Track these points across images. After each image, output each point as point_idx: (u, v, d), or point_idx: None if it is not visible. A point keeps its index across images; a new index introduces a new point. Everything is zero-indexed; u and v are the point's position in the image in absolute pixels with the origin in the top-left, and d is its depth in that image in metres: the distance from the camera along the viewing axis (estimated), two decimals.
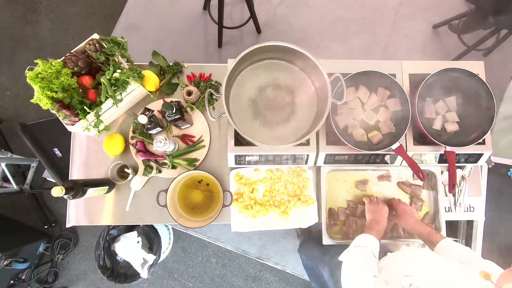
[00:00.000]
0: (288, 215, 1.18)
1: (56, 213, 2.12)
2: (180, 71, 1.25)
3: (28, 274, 1.91)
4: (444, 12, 2.19)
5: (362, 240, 0.94)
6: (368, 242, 0.92)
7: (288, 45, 0.91)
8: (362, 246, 0.91)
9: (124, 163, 1.16)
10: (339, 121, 1.09)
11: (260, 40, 2.17)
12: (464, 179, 1.21)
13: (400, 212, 1.06)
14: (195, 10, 2.21)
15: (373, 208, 1.06)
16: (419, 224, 1.00)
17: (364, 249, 0.89)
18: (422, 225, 0.99)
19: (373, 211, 1.06)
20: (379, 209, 1.05)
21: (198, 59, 2.15)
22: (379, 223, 1.00)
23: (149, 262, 1.63)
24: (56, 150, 1.59)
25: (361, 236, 0.96)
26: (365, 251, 0.88)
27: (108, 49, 1.05)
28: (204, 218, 1.16)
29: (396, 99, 1.10)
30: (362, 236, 0.96)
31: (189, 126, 1.20)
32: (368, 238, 0.94)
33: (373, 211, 1.05)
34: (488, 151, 1.11)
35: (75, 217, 1.20)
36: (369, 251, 0.88)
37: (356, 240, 0.95)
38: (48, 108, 1.00)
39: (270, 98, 1.00)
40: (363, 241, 0.93)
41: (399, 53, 2.20)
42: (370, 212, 1.06)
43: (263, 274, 2.09)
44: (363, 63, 1.13)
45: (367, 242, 0.92)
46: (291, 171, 1.20)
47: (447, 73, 1.08)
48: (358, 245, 0.92)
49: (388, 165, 1.15)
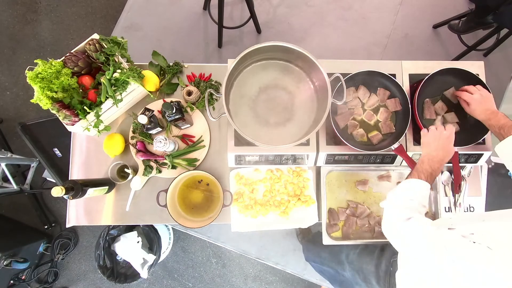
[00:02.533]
0: (288, 215, 1.18)
1: (56, 213, 2.12)
2: (180, 71, 1.25)
3: (28, 274, 1.91)
4: (444, 12, 2.19)
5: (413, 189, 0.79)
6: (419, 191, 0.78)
7: (288, 45, 0.91)
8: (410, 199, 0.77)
9: (124, 163, 1.16)
10: (339, 121, 1.09)
11: (260, 40, 2.17)
12: (464, 179, 1.21)
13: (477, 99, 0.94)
14: (195, 10, 2.21)
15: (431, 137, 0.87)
16: (495, 115, 0.90)
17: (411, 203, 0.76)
18: (498, 116, 0.89)
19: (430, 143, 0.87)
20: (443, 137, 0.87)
21: (198, 59, 2.16)
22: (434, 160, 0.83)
23: (149, 262, 1.63)
24: (56, 150, 1.59)
25: (410, 182, 0.81)
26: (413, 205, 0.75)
27: (108, 49, 1.05)
28: (204, 218, 1.16)
29: (396, 99, 1.10)
30: (411, 182, 0.80)
31: (189, 126, 1.20)
32: (418, 184, 0.79)
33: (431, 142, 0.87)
34: (488, 151, 1.11)
35: (75, 217, 1.20)
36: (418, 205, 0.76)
37: (406, 186, 0.81)
38: (48, 108, 1.00)
39: (270, 98, 1.00)
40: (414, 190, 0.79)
41: (399, 53, 2.20)
42: (427, 144, 0.88)
43: (263, 274, 2.09)
44: (363, 63, 1.13)
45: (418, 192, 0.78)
46: (291, 171, 1.20)
47: (447, 73, 1.08)
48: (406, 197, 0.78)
49: (388, 165, 1.15)
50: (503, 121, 0.88)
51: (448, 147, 0.87)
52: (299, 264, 1.97)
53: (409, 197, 0.78)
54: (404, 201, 0.77)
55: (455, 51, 2.14)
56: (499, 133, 0.87)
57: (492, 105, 0.94)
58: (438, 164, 0.84)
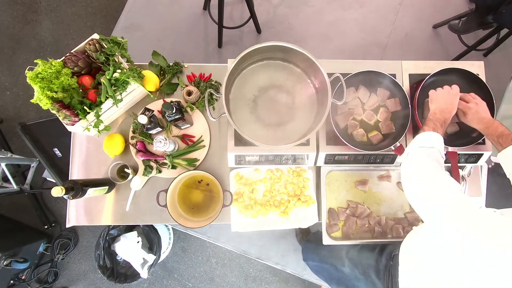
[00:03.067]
0: (288, 215, 1.18)
1: (56, 213, 2.12)
2: (180, 71, 1.25)
3: (28, 274, 1.91)
4: (444, 12, 2.19)
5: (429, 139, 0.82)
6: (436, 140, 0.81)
7: (288, 45, 0.91)
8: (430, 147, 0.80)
9: (124, 163, 1.16)
10: (339, 121, 1.09)
11: (260, 40, 2.17)
12: (464, 179, 1.21)
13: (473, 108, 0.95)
14: (195, 10, 2.21)
15: (439, 95, 0.93)
16: (492, 124, 0.91)
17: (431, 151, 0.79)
18: (495, 125, 0.90)
19: (438, 99, 0.93)
20: (450, 95, 0.92)
21: (198, 59, 2.16)
22: (444, 112, 0.89)
23: (149, 262, 1.63)
24: (56, 150, 1.59)
25: (425, 135, 0.84)
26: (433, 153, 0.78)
27: (108, 49, 1.05)
28: (204, 218, 1.16)
29: (396, 99, 1.10)
30: (426, 134, 0.84)
31: (189, 126, 1.20)
32: (429, 136, 0.83)
33: (439, 98, 0.93)
34: (488, 151, 1.11)
35: (75, 217, 1.20)
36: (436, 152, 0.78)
37: (422, 138, 0.84)
38: (48, 108, 1.00)
39: (270, 98, 1.00)
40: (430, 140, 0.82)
41: (399, 53, 2.20)
42: (435, 100, 0.94)
43: (263, 274, 2.09)
44: (363, 63, 1.13)
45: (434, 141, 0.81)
46: (291, 171, 1.20)
47: (447, 73, 1.08)
48: (425, 145, 0.81)
49: (388, 165, 1.15)
50: (501, 130, 0.89)
51: (455, 102, 0.93)
52: (299, 264, 1.97)
53: (430, 144, 0.81)
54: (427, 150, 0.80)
55: (455, 51, 2.14)
56: (498, 141, 0.88)
57: (488, 113, 0.95)
58: (449, 114, 0.91)
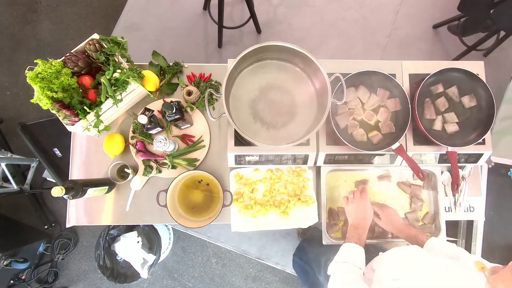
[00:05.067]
0: (288, 215, 1.18)
1: (56, 213, 2.12)
2: (180, 71, 1.25)
3: (28, 274, 1.91)
4: (444, 12, 2.19)
5: (344, 253, 0.90)
6: (350, 254, 0.89)
7: (288, 45, 0.91)
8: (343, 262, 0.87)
9: (124, 163, 1.16)
10: (339, 121, 1.09)
11: (260, 40, 2.17)
12: (464, 179, 1.21)
13: (385, 216, 1.02)
14: (195, 10, 2.21)
15: (351, 209, 1.00)
16: (405, 227, 0.98)
17: (346, 266, 0.86)
18: (408, 228, 0.97)
19: (351, 213, 1.00)
20: (360, 207, 0.99)
21: (198, 59, 2.16)
22: (358, 228, 0.95)
23: (149, 262, 1.63)
24: (56, 150, 1.59)
25: (343, 247, 0.92)
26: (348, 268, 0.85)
27: (108, 49, 1.05)
28: (204, 218, 1.16)
29: (396, 99, 1.10)
30: (344, 246, 0.92)
31: (189, 126, 1.20)
32: (349, 248, 0.90)
33: (351, 212, 1.00)
34: (488, 151, 1.11)
35: (75, 217, 1.20)
36: (350, 266, 0.85)
37: (340, 251, 0.92)
38: (48, 108, 1.00)
39: (270, 98, 1.00)
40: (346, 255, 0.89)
41: (399, 53, 2.20)
42: (349, 214, 1.01)
43: (263, 274, 2.09)
44: (363, 63, 1.13)
45: (349, 254, 0.89)
46: (291, 171, 1.20)
47: (447, 73, 1.08)
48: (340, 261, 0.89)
49: (388, 165, 1.15)
50: (414, 231, 0.96)
51: (367, 210, 0.98)
52: None
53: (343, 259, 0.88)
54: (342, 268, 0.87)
55: (455, 51, 2.14)
56: (416, 241, 0.93)
57: (400, 218, 1.02)
58: (366, 223, 0.97)
